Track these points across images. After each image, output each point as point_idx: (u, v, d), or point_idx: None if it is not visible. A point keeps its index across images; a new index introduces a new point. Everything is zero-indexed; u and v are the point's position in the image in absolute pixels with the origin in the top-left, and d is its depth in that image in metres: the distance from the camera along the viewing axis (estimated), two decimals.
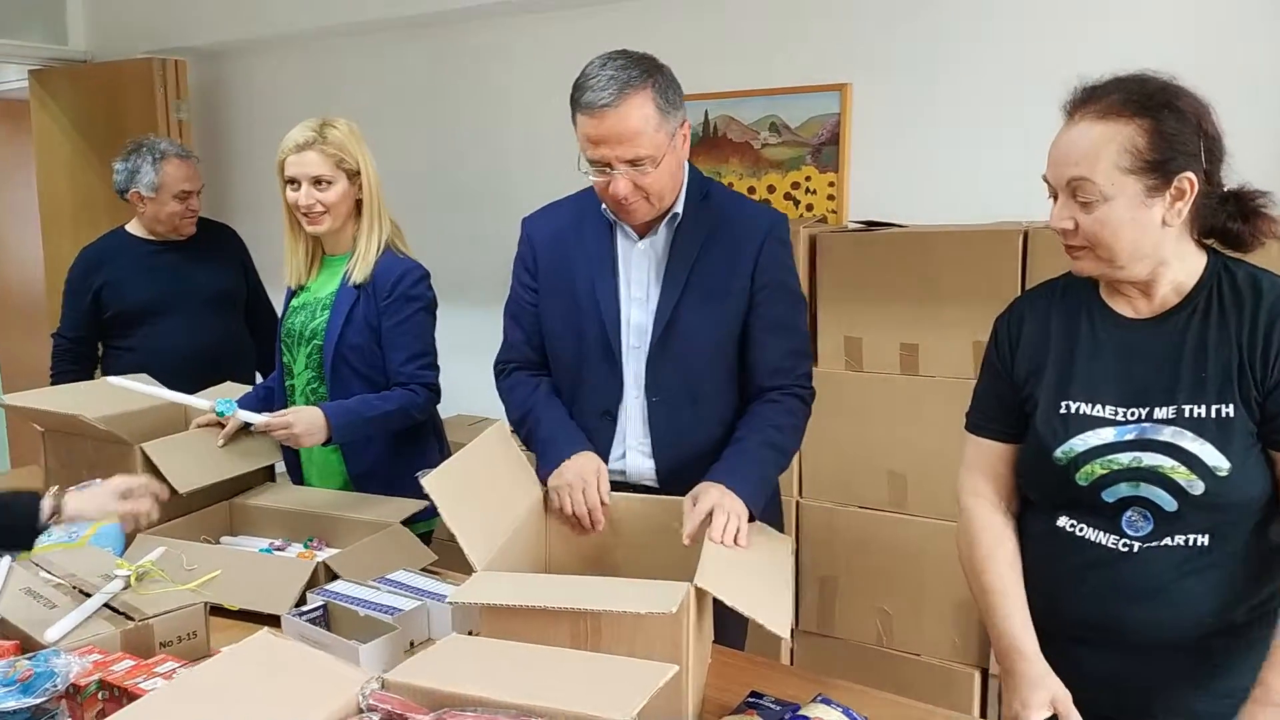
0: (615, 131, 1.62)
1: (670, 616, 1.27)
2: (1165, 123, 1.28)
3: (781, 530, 1.97)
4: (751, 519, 1.63)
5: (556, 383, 1.90)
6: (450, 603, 1.34)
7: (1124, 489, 1.33)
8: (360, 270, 2.20)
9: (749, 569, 1.52)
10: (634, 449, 1.83)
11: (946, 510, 2.47)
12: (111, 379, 2.17)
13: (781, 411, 1.77)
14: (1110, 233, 1.30)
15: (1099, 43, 2.51)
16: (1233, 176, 1.35)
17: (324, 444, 2.11)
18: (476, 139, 3.71)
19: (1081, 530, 1.38)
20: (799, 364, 1.82)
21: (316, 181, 2.16)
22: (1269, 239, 1.36)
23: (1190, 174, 1.28)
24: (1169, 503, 1.30)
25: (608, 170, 1.66)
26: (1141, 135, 1.28)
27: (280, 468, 2.37)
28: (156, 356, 2.78)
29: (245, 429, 2.26)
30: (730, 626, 1.81)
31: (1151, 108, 1.29)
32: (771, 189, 3.02)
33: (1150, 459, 1.31)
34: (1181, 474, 1.29)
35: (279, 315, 2.40)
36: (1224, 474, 1.27)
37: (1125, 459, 1.32)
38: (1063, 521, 1.40)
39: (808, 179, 2.96)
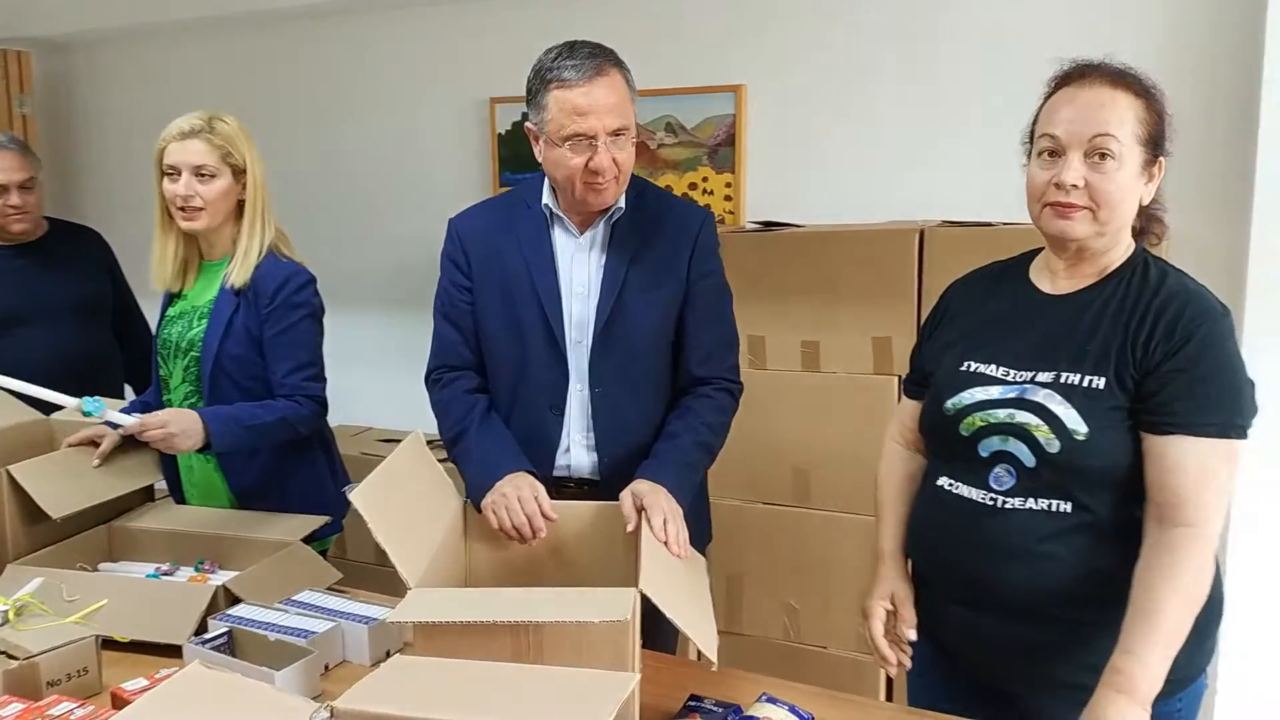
0: (604, 100, 1.65)
1: (618, 624, 1.24)
2: (1156, 104, 1.38)
3: (708, 524, 1.97)
4: None
5: (497, 383, 1.86)
6: (393, 622, 1.26)
7: (996, 442, 1.41)
8: (241, 273, 2.06)
9: (683, 583, 1.51)
10: (576, 443, 1.82)
11: (849, 504, 2.52)
12: None
13: (714, 408, 1.81)
14: (1120, 195, 1.37)
15: (986, 41, 2.61)
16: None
17: (201, 450, 1.98)
18: (358, 139, 3.59)
19: (957, 488, 1.46)
20: (729, 354, 1.87)
21: (199, 172, 2.02)
22: (1159, 242, 1.48)
23: (1164, 159, 1.39)
24: (1029, 459, 1.37)
25: (593, 143, 1.66)
26: (1147, 110, 1.37)
27: (160, 486, 2.21)
28: (14, 370, 2.54)
29: (120, 446, 2.11)
30: (665, 631, 1.80)
31: (1145, 89, 1.38)
32: (669, 189, 3.01)
33: (1021, 416, 1.39)
34: (1043, 432, 1.36)
35: (154, 325, 2.24)
36: (1080, 438, 1.34)
37: (1002, 414, 1.41)
38: (943, 481, 1.49)
39: (705, 180, 2.98)
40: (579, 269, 1.80)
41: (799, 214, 2.80)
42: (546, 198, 1.80)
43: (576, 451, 1.82)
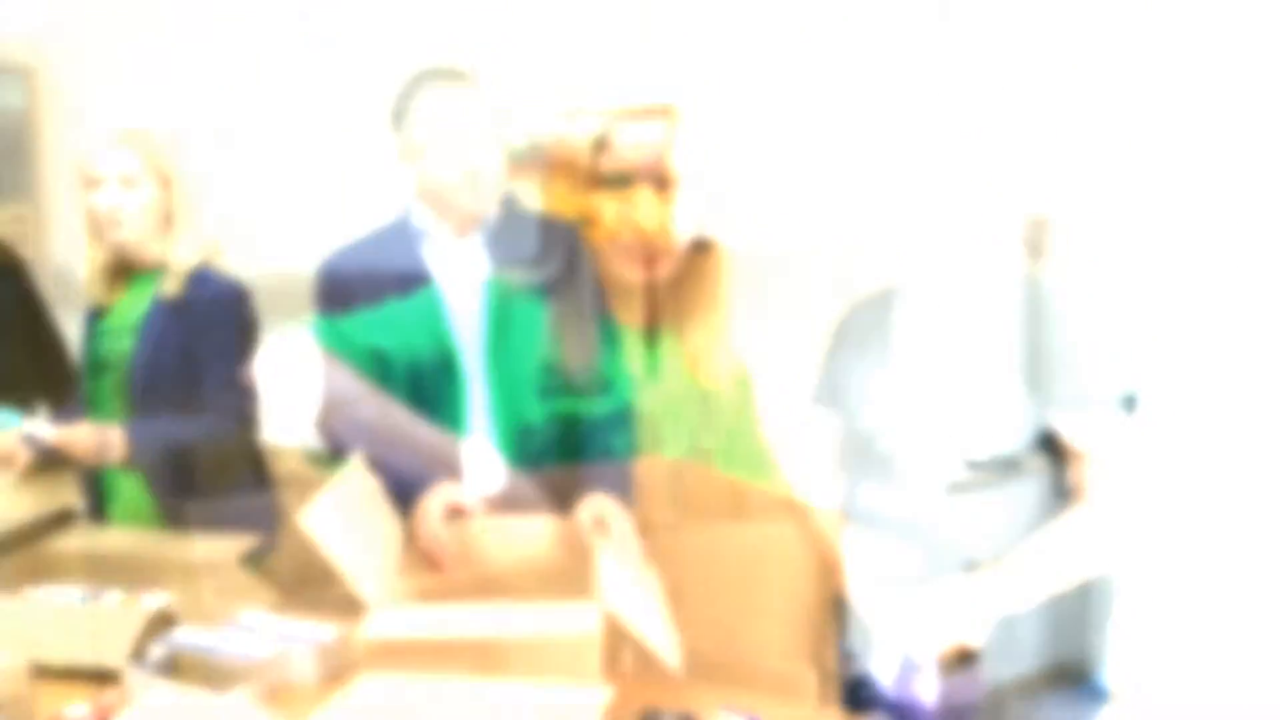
0: (472, 105, 1.84)
1: (583, 639, 1.25)
2: None
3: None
4: None
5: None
6: (364, 639, 1.25)
7: (919, 451, 1.50)
8: (174, 283, 2.01)
9: (639, 594, 1.53)
10: (482, 446, 1.86)
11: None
12: None
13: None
14: None
15: (916, 65, 2.69)
16: None
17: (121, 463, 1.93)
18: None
19: (883, 500, 1.55)
20: None
21: (126, 181, 1.98)
22: None
23: None
24: (955, 462, 1.46)
25: (468, 140, 1.81)
26: None
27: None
28: None
29: (33, 465, 2.02)
30: None
31: None
32: (599, 208, 3.03)
33: (942, 423, 1.48)
34: (965, 436, 1.45)
35: (78, 339, 2.17)
36: (998, 436, 1.44)
37: (922, 424, 1.50)
38: (867, 497, 1.58)
39: (637, 199, 3.00)
40: (460, 276, 1.88)
41: (732, 234, 2.85)
42: (417, 219, 1.88)
43: (483, 455, 1.86)
